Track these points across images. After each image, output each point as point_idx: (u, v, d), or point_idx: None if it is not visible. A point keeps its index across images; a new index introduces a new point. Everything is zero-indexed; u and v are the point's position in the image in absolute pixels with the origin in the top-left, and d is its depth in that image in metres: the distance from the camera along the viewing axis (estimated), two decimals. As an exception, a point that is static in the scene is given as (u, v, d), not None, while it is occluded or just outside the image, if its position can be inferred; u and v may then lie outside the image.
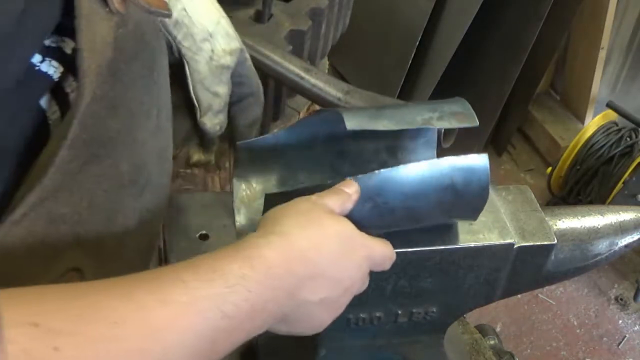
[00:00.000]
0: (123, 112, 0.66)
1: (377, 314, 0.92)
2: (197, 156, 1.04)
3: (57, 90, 0.63)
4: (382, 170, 0.74)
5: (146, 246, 0.79)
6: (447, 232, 0.87)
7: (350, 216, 0.74)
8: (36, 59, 0.61)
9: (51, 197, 0.59)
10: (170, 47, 0.85)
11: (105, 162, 0.64)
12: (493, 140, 2.99)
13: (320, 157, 0.86)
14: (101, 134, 0.63)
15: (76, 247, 0.63)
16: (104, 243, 0.67)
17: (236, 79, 0.98)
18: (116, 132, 0.65)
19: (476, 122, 0.88)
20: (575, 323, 2.41)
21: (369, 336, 0.95)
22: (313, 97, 1.22)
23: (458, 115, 0.93)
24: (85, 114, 0.60)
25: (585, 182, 2.52)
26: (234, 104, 1.01)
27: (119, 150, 0.66)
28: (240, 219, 0.80)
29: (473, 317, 1.85)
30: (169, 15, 0.72)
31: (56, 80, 0.62)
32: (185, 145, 1.39)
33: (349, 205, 0.73)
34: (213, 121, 0.97)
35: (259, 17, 1.39)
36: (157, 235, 0.86)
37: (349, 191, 0.73)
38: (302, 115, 1.50)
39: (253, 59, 1.23)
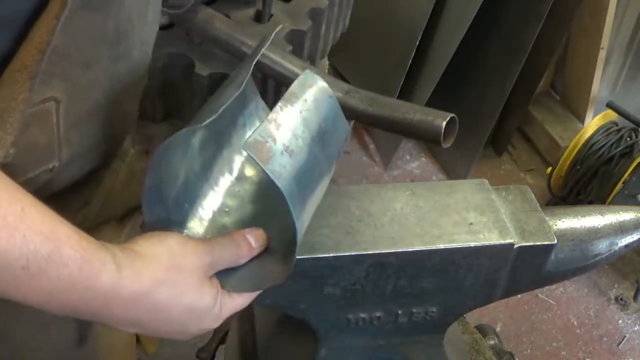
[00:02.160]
0: None
1: (377, 314, 0.92)
2: None
3: None
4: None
5: (114, 118, 0.85)
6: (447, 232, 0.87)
7: None
8: None
9: (59, 26, 0.68)
10: None
11: (96, 14, 0.71)
12: (493, 140, 2.99)
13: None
14: None
15: (60, 79, 0.71)
16: (80, 85, 0.75)
17: None
18: None
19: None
20: (575, 323, 2.41)
21: (369, 336, 0.95)
22: (313, 97, 1.21)
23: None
24: None
25: (585, 182, 2.52)
26: None
27: (108, 9, 0.73)
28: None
29: (473, 317, 1.85)
30: None
31: None
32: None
33: (243, 261, 0.77)
34: None
35: (259, 17, 1.39)
36: (126, 120, 0.92)
37: (255, 245, 0.78)
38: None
39: (253, 59, 1.23)
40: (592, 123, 2.55)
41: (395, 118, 1.11)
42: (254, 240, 0.78)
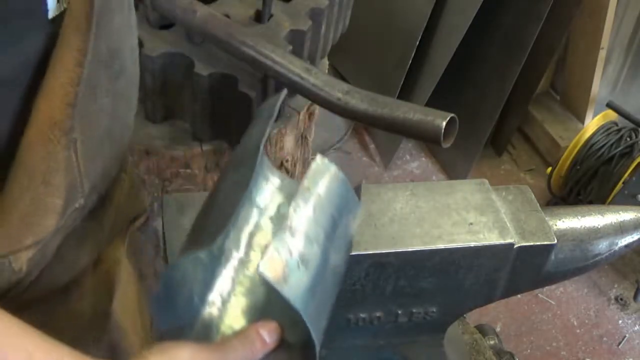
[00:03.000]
0: None
1: (377, 314, 0.92)
2: None
3: None
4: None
5: (120, 136, 0.84)
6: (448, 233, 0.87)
7: None
8: None
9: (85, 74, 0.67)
10: None
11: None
12: (493, 140, 2.99)
13: None
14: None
15: (72, 117, 0.70)
16: (89, 116, 0.73)
17: None
18: (97, 8, 0.70)
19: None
20: (575, 323, 2.41)
21: (369, 336, 0.95)
22: (313, 97, 1.22)
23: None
24: None
25: (585, 182, 2.52)
26: None
27: (99, 29, 0.71)
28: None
29: (473, 317, 1.85)
30: None
31: None
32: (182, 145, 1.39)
33: (258, 358, 0.71)
34: None
35: (259, 17, 1.39)
36: (128, 129, 0.91)
37: (269, 341, 0.72)
38: (302, 115, 1.50)
39: (253, 58, 1.24)
40: (592, 123, 2.55)
41: (395, 118, 1.11)
42: (267, 334, 0.72)
